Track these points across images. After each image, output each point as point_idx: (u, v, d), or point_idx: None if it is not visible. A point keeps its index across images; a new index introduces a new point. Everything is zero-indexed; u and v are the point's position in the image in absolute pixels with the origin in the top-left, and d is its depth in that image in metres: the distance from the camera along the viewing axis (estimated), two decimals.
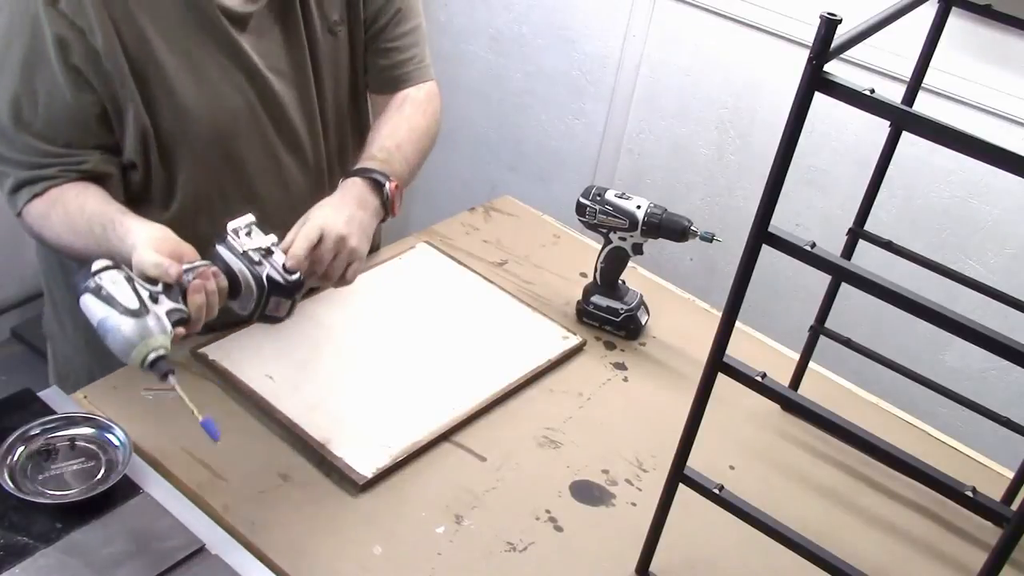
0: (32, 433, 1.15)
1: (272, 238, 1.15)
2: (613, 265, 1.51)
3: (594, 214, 1.48)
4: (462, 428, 1.31)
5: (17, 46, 1.16)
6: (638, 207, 1.46)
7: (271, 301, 1.14)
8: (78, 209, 1.19)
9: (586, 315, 1.54)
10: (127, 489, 1.12)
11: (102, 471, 1.14)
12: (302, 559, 1.10)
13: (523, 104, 2.63)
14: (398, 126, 1.41)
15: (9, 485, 1.09)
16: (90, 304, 1.03)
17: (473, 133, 2.76)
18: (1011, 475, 1.31)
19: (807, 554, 0.96)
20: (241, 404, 1.29)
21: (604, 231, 1.49)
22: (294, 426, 1.25)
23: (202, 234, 1.18)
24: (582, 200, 1.49)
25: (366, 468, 1.21)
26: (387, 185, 1.29)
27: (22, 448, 1.14)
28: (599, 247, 1.52)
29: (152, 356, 1.02)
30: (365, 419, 1.28)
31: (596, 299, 1.53)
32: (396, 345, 1.42)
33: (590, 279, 1.55)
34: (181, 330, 1.07)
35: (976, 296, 1.24)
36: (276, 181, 1.38)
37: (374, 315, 1.48)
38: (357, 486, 1.19)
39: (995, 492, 1.29)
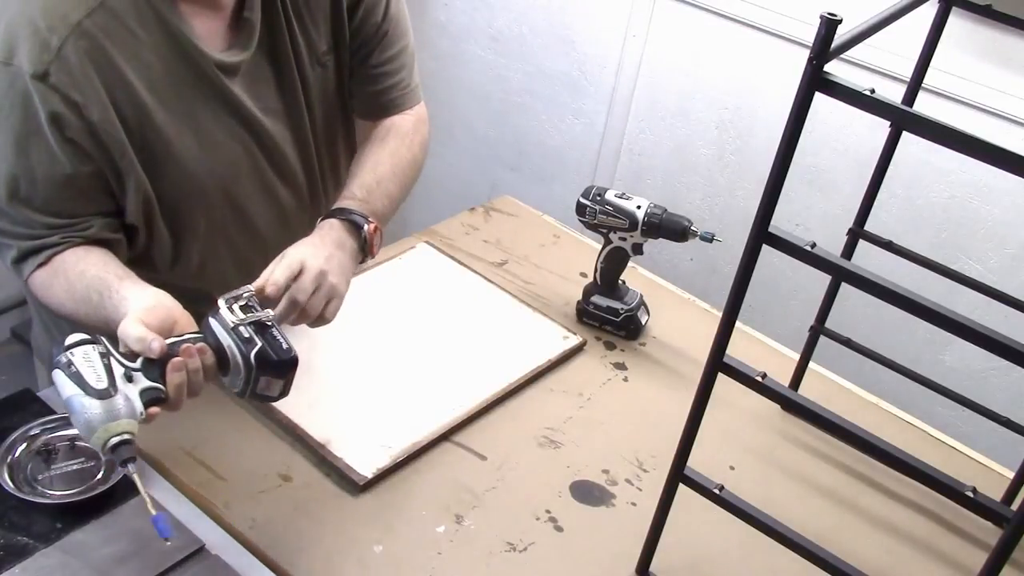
0: (32, 433, 1.15)
1: (269, 312, 1.07)
2: (613, 265, 1.51)
3: (594, 214, 1.48)
4: (462, 428, 1.31)
5: (7, 125, 1.10)
6: (638, 207, 1.46)
7: (260, 380, 1.05)
8: (78, 276, 1.14)
9: (586, 315, 1.54)
10: (127, 489, 1.12)
11: (102, 471, 1.14)
12: (302, 559, 1.10)
13: (523, 104, 2.63)
14: (380, 160, 1.36)
15: (9, 485, 1.09)
16: (59, 380, 0.97)
17: (473, 133, 2.76)
18: (1011, 475, 1.31)
19: (807, 554, 0.96)
20: (241, 404, 1.29)
21: (604, 231, 1.49)
22: (294, 426, 1.25)
23: (210, 283, 1.16)
24: (582, 200, 1.49)
25: (366, 468, 1.21)
26: (365, 228, 1.24)
27: (22, 448, 1.14)
28: (599, 247, 1.52)
29: (113, 441, 0.95)
30: (365, 419, 1.28)
31: (596, 299, 1.53)
32: (396, 345, 1.42)
33: (590, 279, 1.55)
34: (155, 410, 1.00)
35: (976, 296, 1.24)
36: (275, 216, 1.36)
37: (374, 315, 1.48)
38: (357, 486, 1.19)
39: (995, 492, 1.29)
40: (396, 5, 1.39)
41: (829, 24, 0.75)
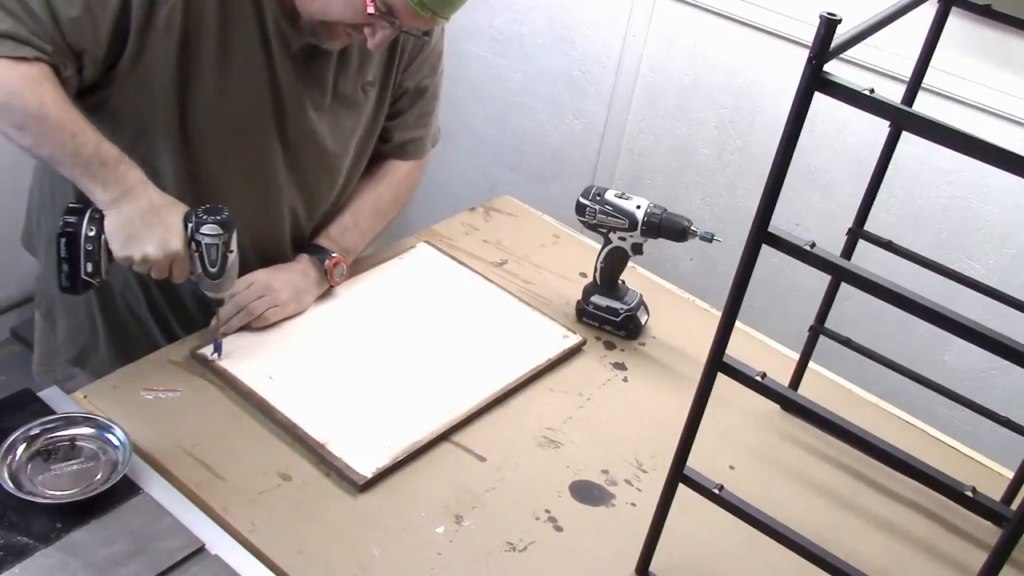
0: (32, 433, 1.15)
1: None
2: (613, 265, 1.51)
3: (594, 214, 1.48)
4: (462, 428, 1.31)
5: None
6: (638, 207, 1.46)
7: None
8: (71, 104, 1.17)
9: (586, 315, 1.54)
10: (127, 489, 1.12)
11: (102, 471, 1.14)
12: (302, 559, 1.10)
13: (523, 104, 2.63)
14: (364, 204, 1.54)
15: (9, 485, 1.09)
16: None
17: (473, 133, 2.76)
18: (1011, 475, 1.31)
19: (807, 554, 0.96)
20: (241, 404, 1.29)
21: (604, 231, 1.49)
22: (294, 426, 1.25)
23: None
24: (582, 200, 1.49)
25: (366, 468, 1.21)
26: (327, 262, 1.46)
27: (22, 448, 1.14)
28: (599, 247, 1.52)
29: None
30: (365, 419, 1.28)
31: (596, 299, 1.53)
32: (396, 345, 1.42)
33: (590, 279, 1.55)
34: None
35: (976, 296, 1.24)
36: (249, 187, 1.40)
37: (374, 315, 1.48)
38: (357, 486, 1.19)
39: (995, 492, 1.29)
40: (442, 67, 1.52)
41: (828, 24, 0.75)
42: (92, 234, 1.20)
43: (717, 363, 0.95)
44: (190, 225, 1.21)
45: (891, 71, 1.92)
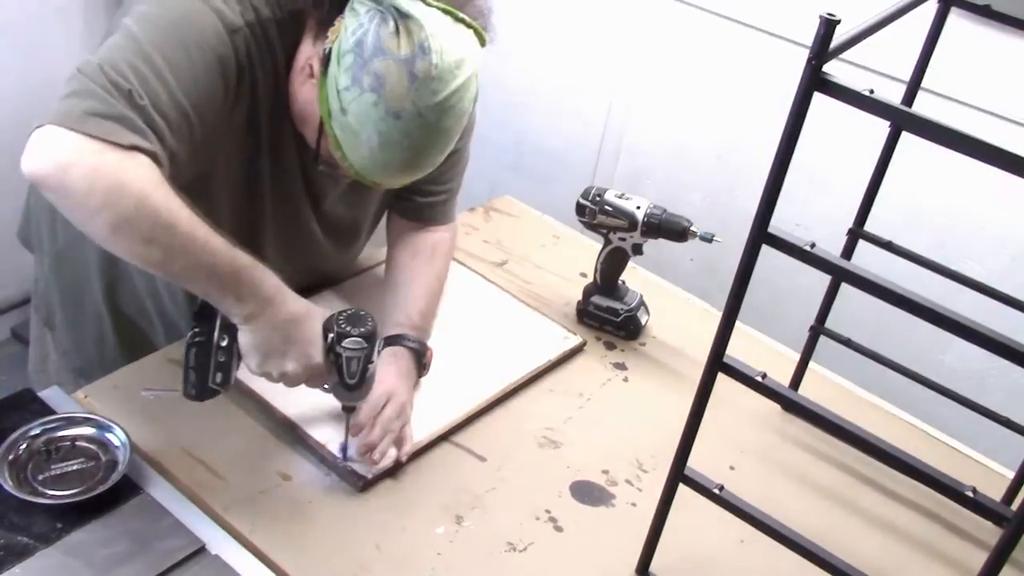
0: (32, 433, 1.15)
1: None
2: (613, 265, 1.51)
3: (594, 214, 1.48)
4: (462, 428, 1.31)
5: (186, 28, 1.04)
6: (638, 207, 1.46)
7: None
8: (186, 208, 1.02)
9: (586, 315, 1.54)
10: (127, 489, 1.12)
11: (102, 471, 1.14)
12: (302, 559, 1.10)
13: (523, 104, 2.63)
14: (432, 284, 1.43)
15: (9, 485, 1.09)
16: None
17: (473, 133, 2.75)
18: (1011, 475, 1.31)
19: (807, 554, 0.96)
20: (241, 404, 1.29)
21: (604, 231, 1.49)
22: (294, 426, 1.25)
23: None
24: (582, 200, 1.49)
25: (366, 468, 1.21)
26: (425, 358, 1.35)
27: (22, 448, 1.14)
28: (599, 247, 1.52)
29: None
30: None
31: (596, 299, 1.53)
32: None
33: (590, 279, 1.55)
34: None
35: (976, 296, 1.24)
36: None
37: (374, 315, 1.47)
38: (357, 486, 1.19)
39: (995, 492, 1.29)
40: (473, 122, 1.43)
41: (828, 24, 0.75)
42: (225, 344, 1.09)
43: (717, 363, 0.95)
44: (331, 335, 1.12)
45: (891, 71, 1.92)
